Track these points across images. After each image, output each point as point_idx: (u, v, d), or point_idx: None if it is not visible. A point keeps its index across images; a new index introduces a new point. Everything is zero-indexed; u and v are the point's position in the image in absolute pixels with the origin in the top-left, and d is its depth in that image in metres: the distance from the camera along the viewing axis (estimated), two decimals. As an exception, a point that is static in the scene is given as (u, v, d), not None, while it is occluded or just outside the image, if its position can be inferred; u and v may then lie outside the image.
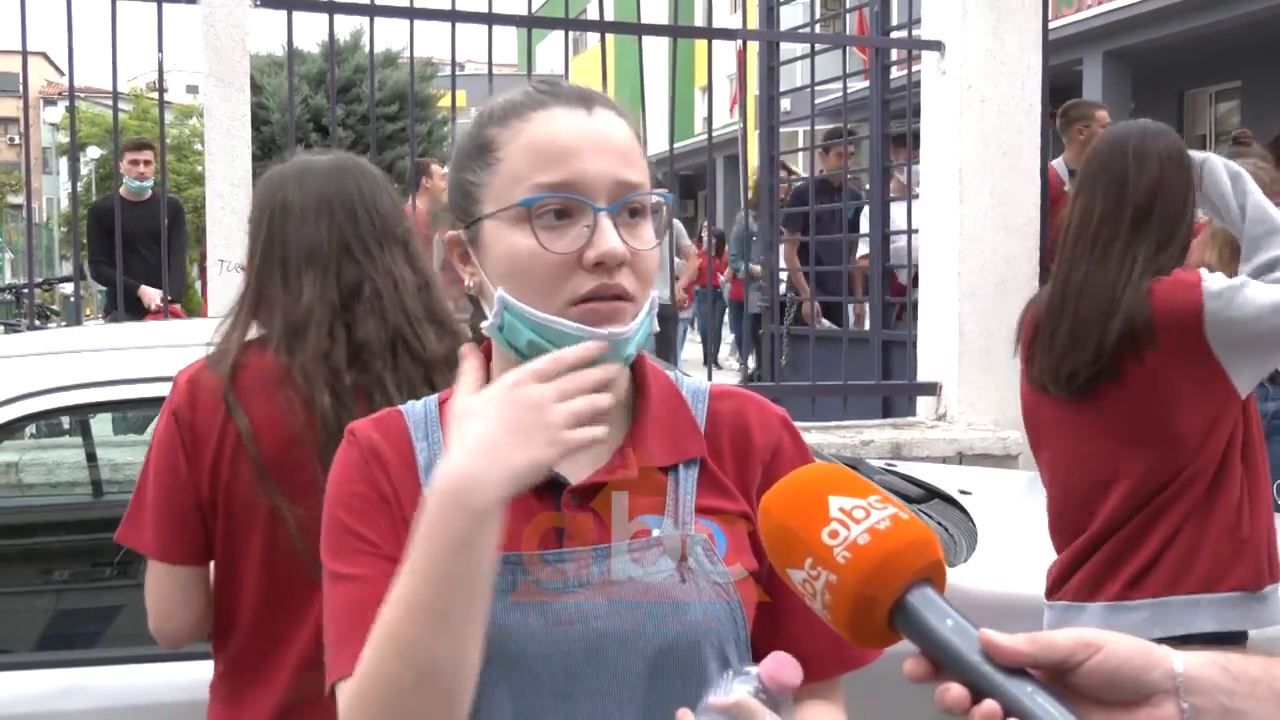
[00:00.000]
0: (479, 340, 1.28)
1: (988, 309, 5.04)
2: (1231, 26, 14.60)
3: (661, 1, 7.13)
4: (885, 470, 3.70)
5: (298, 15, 4.74)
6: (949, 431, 5.08)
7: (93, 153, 29.17)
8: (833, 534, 0.87)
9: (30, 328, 5.17)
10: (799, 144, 9.76)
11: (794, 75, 7.81)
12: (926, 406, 5.40)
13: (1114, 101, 13.85)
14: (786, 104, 8.01)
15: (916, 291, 5.50)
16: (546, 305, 1.12)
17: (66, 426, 3.43)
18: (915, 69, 5.60)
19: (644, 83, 4.70)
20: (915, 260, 5.56)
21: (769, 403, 1.29)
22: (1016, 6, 5.21)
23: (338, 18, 4.84)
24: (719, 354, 12.69)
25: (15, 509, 3.18)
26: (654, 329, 1.18)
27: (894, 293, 6.24)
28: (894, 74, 6.52)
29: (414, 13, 4.81)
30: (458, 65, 4.90)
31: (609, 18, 5.59)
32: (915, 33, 5.68)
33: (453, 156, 1.23)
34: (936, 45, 5.32)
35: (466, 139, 1.21)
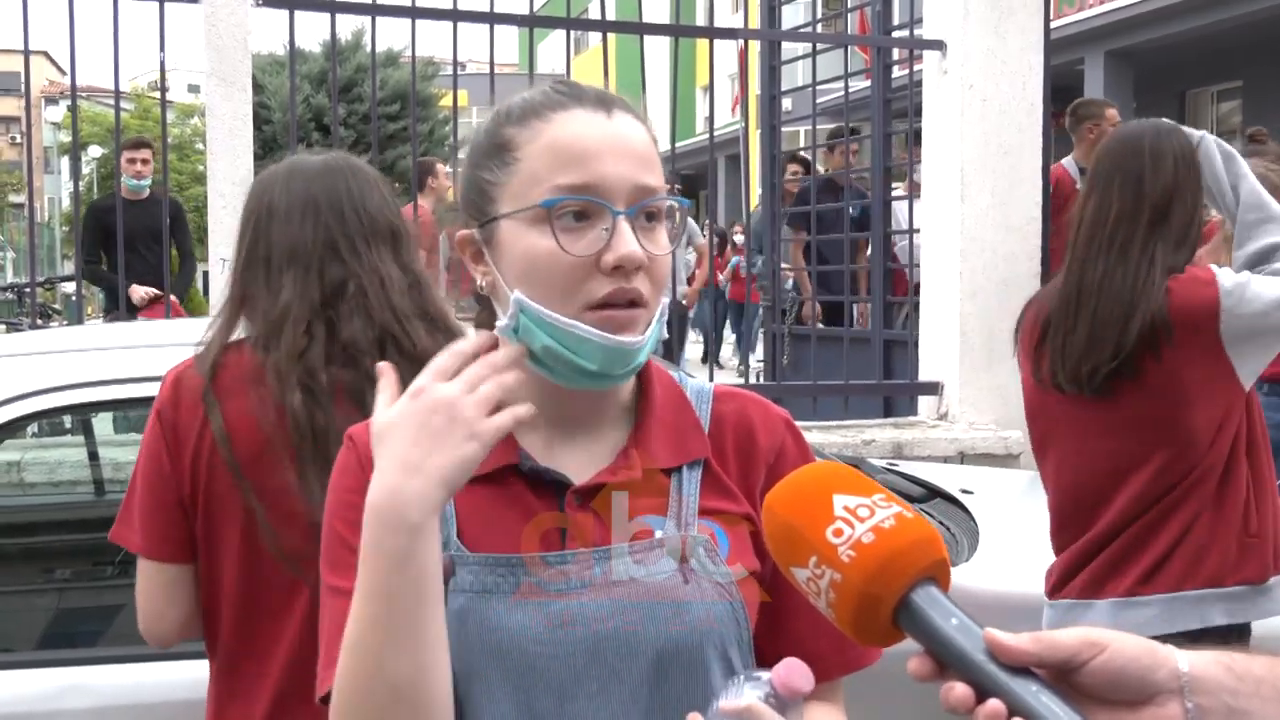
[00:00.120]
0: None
1: (989, 308, 5.03)
2: (1233, 26, 14.61)
3: (663, 1, 7.13)
4: (887, 470, 3.70)
5: (299, 15, 4.74)
6: (950, 431, 5.08)
7: (94, 152, 29.20)
8: (837, 532, 0.86)
9: (32, 327, 5.17)
10: (800, 143, 9.76)
11: (795, 75, 7.81)
12: (928, 406, 5.40)
13: (1115, 101, 13.83)
14: (788, 103, 7.99)
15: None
16: (562, 308, 1.11)
17: (68, 426, 3.43)
18: (917, 68, 5.60)
19: (645, 82, 4.70)
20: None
21: (772, 404, 1.29)
22: (1018, 6, 5.20)
23: (339, 17, 4.84)
24: (720, 354, 12.66)
25: (16, 508, 3.18)
26: (663, 335, 1.17)
27: (901, 292, 6.23)
28: (895, 73, 6.52)
29: (415, 12, 4.80)
30: (459, 65, 4.90)
31: (610, 17, 5.58)
32: (917, 32, 5.68)
33: (467, 154, 1.22)
34: (938, 45, 5.32)
35: (483, 137, 1.20)
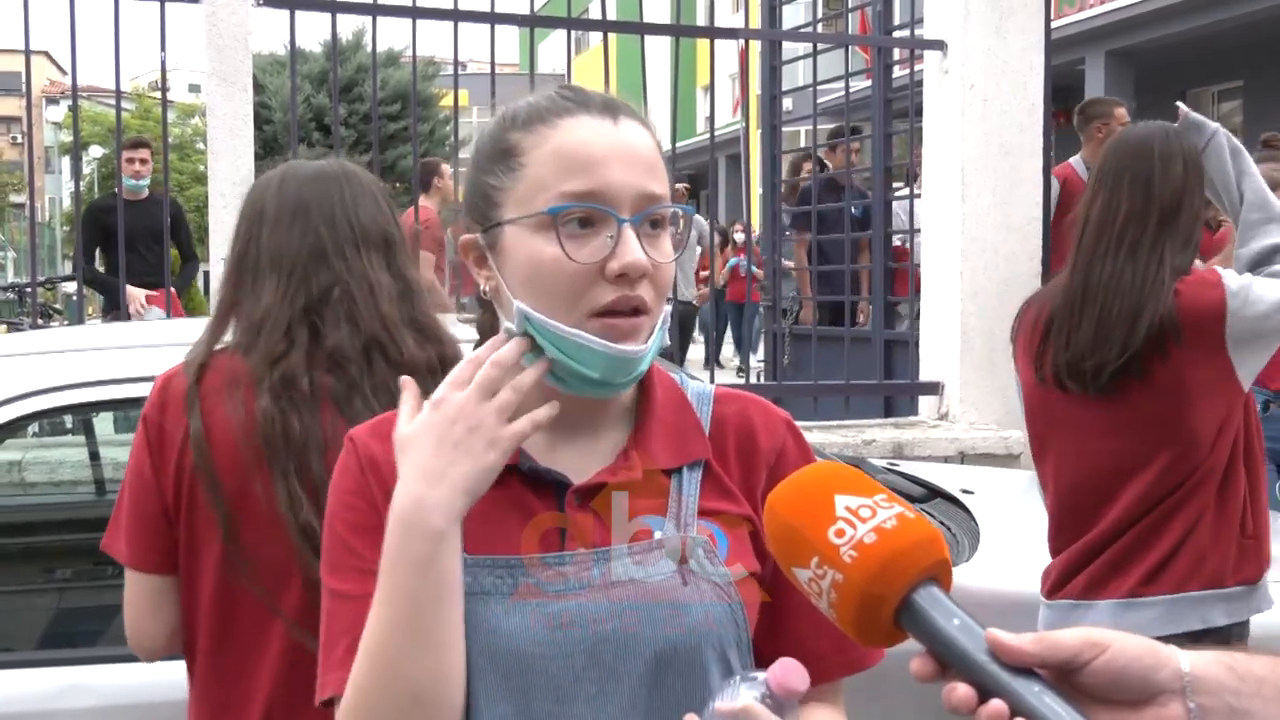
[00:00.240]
0: (484, 340, 1.29)
1: (990, 308, 5.03)
2: (1233, 26, 14.60)
3: (663, 1, 7.12)
4: (887, 470, 3.70)
5: (300, 15, 4.74)
6: (951, 431, 5.08)
7: (95, 151, 29.21)
8: (839, 533, 0.86)
9: (33, 326, 5.17)
10: (801, 143, 9.75)
11: (796, 74, 7.81)
12: (928, 406, 5.40)
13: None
14: (789, 103, 7.99)
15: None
16: (566, 315, 1.11)
17: (69, 425, 3.43)
18: (917, 68, 5.61)
19: (646, 82, 4.70)
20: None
21: (774, 406, 1.29)
22: (1019, 6, 5.21)
23: (340, 17, 4.84)
24: (720, 354, 12.63)
25: (17, 507, 3.18)
26: (665, 341, 1.18)
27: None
28: (896, 73, 6.51)
29: (416, 12, 4.81)
30: (460, 65, 4.90)
31: (611, 17, 5.58)
32: (917, 32, 5.68)
33: (472, 157, 1.21)
34: (939, 45, 5.32)
35: (488, 141, 1.19)
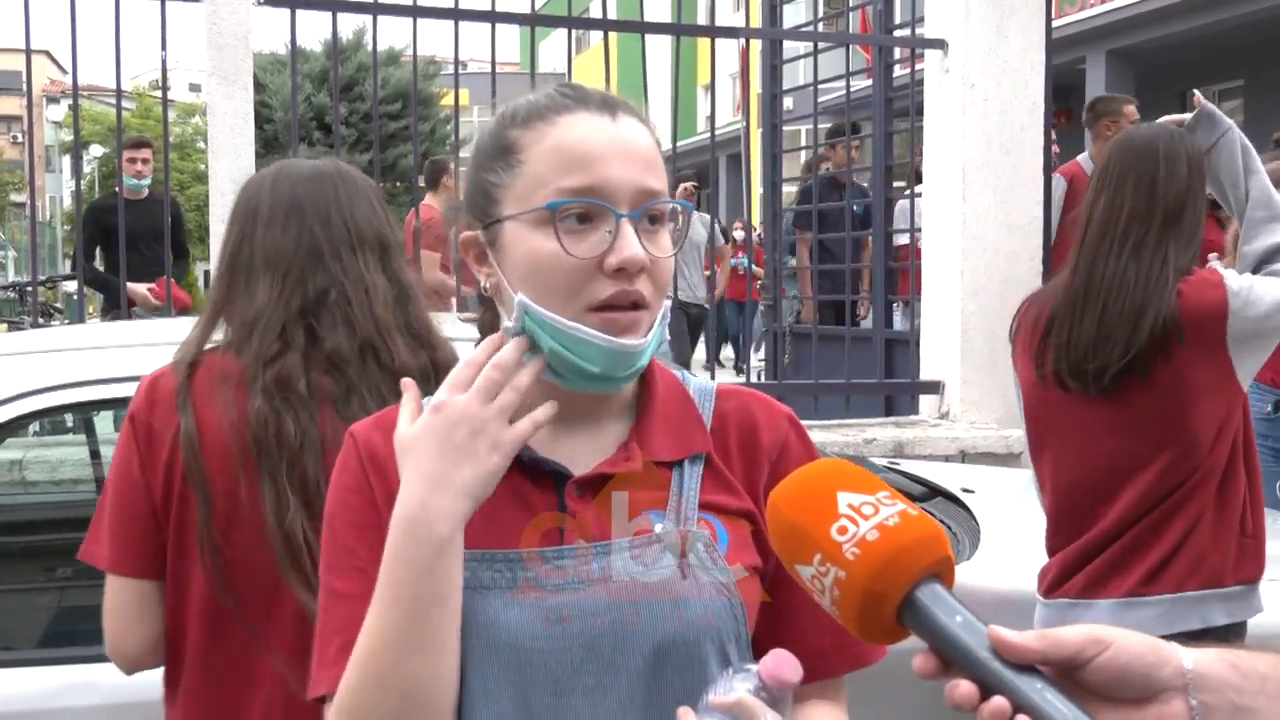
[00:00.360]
0: (484, 338, 1.29)
1: (990, 307, 5.03)
2: (1234, 25, 14.60)
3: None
4: (888, 468, 3.70)
5: (301, 13, 4.74)
6: (952, 430, 5.08)
7: (95, 151, 29.22)
8: (841, 530, 0.87)
9: (34, 325, 5.17)
10: (801, 142, 9.75)
11: (797, 73, 7.81)
12: (929, 405, 5.40)
13: (1118, 101, 13.83)
14: (789, 102, 7.99)
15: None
16: (565, 309, 1.12)
17: (70, 424, 3.43)
18: (918, 67, 5.61)
19: (647, 81, 4.70)
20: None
21: (776, 402, 1.29)
22: (1020, 5, 5.21)
23: (340, 16, 4.84)
24: (719, 354, 12.60)
25: (18, 506, 3.19)
26: (665, 337, 1.18)
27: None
28: (897, 72, 6.52)
29: (417, 11, 4.81)
30: (461, 64, 4.90)
31: (612, 16, 5.58)
32: (918, 31, 5.69)
33: (472, 156, 1.22)
34: (939, 44, 5.32)
35: (488, 139, 1.20)
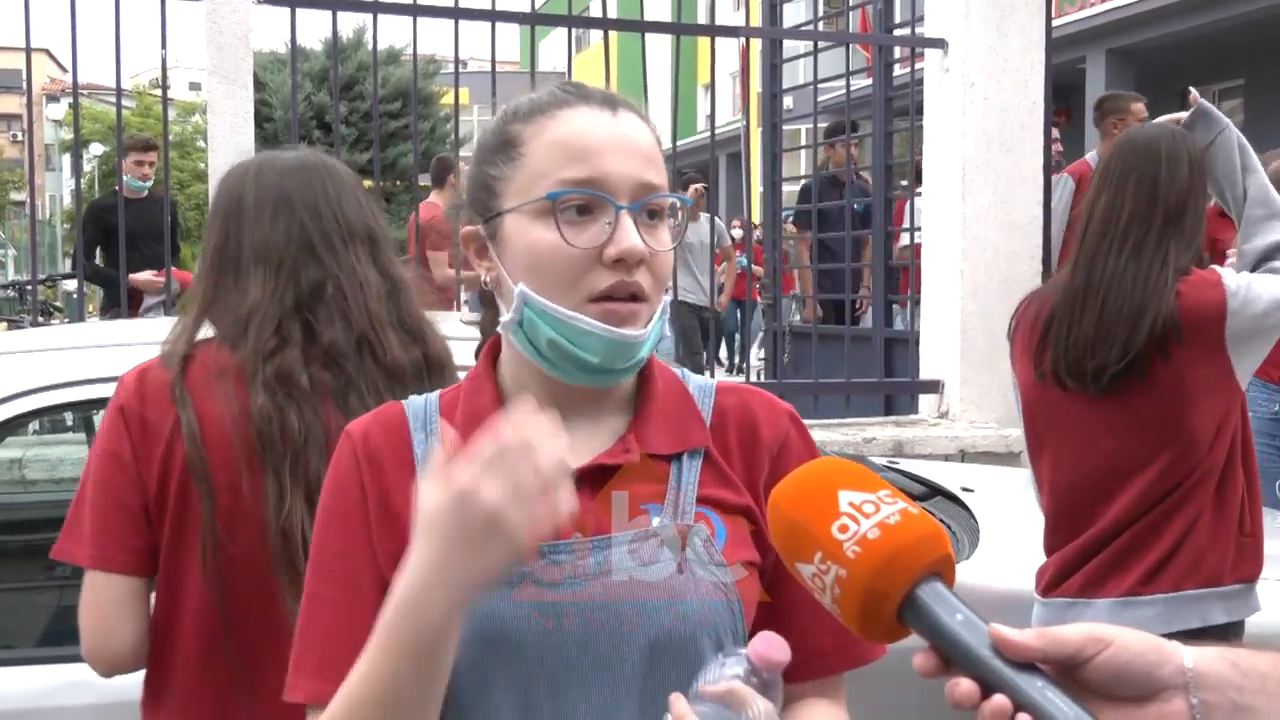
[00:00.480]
0: (485, 338, 1.29)
1: (990, 307, 5.04)
2: (1234, 25, 14.61)
3: (664, -1, 7.13)
4: (887, 468, 3.70)
5: (301, 12, 4.74)
6: (951, 429, 5.08)
7: (95, 149, 29.22)
8: (842, 528, 0.87)
9: (33, 324, 5.17)
10: (801, 141, 9.75)
11: (797, 73, 7.81)
12: (929, 404, 5.40)
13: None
14: (789, 101, 7.99)
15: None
16: (565, 300, 1.12)
17: (69, 423, 3.44)
18: (918, 66, 5.61)
19: (647, 80, 4.70)
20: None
21: (776, 398, 1.29)
22: (1020, 4, 5.21)
23: (340, 15, 4.84)
24: (719, 353, 12.58)
25: (18, 504, 3.19)
26: (664, 333, 1.18)
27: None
28: (897, 72, 6.52)
29: (417, 10, 4.81)
30: (461, 62, 4.90)
31: (612, 15, 5.58)
32: (918, 30, 5.69)
33: (474, 153, 1.23)
34: (939, 43, 5.32)
35: (490, 135, 1.21)
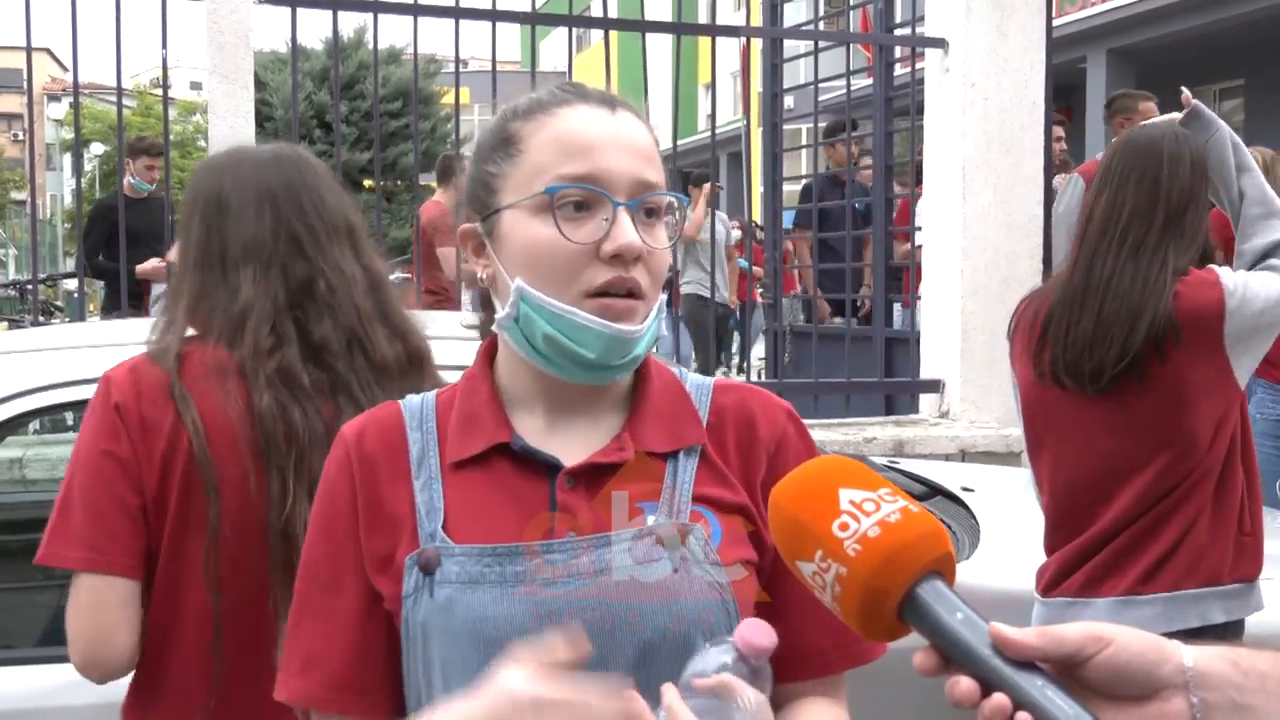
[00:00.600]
0: (484, 336, 1.29)
1: (990, 306, 5.03)
2: (1234, 25, 14.62)
3: (665, -2, 7.13)
4: (888, 467, 3.70)
5: (302, 12, 4.73)
6: (952, 429, 5.09)
7: (96, 149, 29.23)
8: (843, 526, 0.87)
9: (34, 324, 5.17)
10: (802, 141, 9.75)
11: (797, 72, 7.81)
12: (929, 404, 5.40)
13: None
14: (790, 101, 7.99)
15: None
16: (562, 295, 1.13)
17: (70, 422, 3.43)
18: (919, 66, 5.61)
19: (647, 80, 4.70)
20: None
21: (774, 396, 1.30)
22: (1020, 4, 5.21)
23: (341, 14, 4.84)
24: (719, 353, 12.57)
25: (19, 504, 3.18)
26: (662, 332, 1.19)
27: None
28: (897, 71, 6.52)
29: (418, 9, 4.81)
30: (461, 62, 4.90)
31: (612, 15, 5.59)
32: (919, 30, 5.69)
33: (473, 152, 1.24)
34: (940, 43, 5.32)
35: (489, 134, 1.22)
